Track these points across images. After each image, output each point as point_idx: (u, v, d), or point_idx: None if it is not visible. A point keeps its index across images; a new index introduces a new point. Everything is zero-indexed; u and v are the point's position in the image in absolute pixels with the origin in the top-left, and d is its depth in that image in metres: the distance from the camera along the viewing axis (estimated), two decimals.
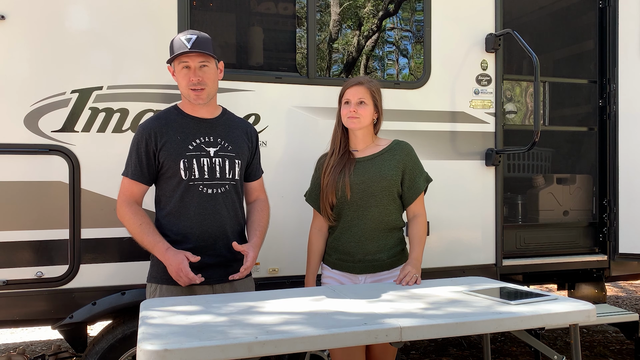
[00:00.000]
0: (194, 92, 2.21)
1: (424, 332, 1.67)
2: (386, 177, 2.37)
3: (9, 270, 2.54)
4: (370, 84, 2.41)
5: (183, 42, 2.17)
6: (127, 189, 2.22)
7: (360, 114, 2.36)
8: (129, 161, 2.23)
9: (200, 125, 2.27)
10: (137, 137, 2.22)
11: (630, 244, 3.56)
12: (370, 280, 2.40)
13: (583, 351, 4.41)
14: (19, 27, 2.56)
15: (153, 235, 2.16)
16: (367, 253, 2.39)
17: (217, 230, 2.24)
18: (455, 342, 4.70)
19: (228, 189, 2.27)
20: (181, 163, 2.19)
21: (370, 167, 2.39)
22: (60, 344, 3.57)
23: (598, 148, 3.78)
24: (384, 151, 2.43)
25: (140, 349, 1.43)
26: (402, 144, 2.46)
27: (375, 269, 2.40)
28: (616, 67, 3.60)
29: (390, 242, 2.42)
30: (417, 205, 2.45)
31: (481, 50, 3.31)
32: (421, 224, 2.43)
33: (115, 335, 2.62)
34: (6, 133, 2.55)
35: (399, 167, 2.40)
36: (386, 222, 2.41)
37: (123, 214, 2.19)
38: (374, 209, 2.38)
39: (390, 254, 2.41)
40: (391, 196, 2.40)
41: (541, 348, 2.17)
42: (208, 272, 2.22)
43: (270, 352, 1.50)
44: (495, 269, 3.36)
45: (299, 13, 3.20)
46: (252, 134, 2.42)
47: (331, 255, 2.47)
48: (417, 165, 2.45)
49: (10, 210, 2.54)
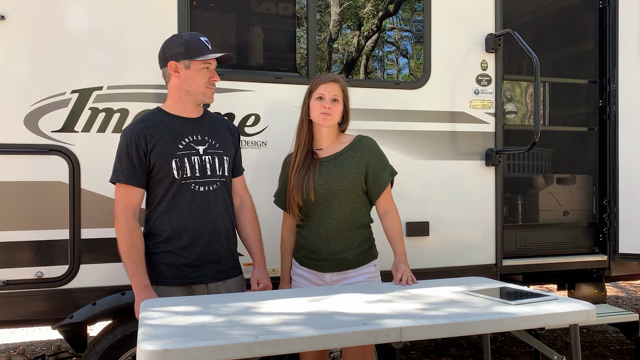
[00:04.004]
0: (210, 90, 2.29)
1: (424, 332, 1.67)
2: (348, 176, 2.37)
3: (9, 270, 2.54)
4: (343, 83, 2.43)
5: (206, 45, 2.25)
6: (124, 196, 2.19)
7: (333, 111, 2.36)
8: (119, 167, 2.20)
9: (187, 124, 2.29)
10: (125, 142, 2.20)
11: (630, 244, 3.56)
12: (336, 278, 2.41)
13: (583, 351, 4.41)
14: (19, 27, 2.56)
15: (138, 264, 2.15)
16: (333, 252, 2.40)
17: (211, 227, 2.26)
18: (455, 342, 4.70)
19: (219, 186, 2.30)
20: (173, 162, 2.20)
21: (332, 167, 2.39)
22: (60, 344, 3.57)
23: (598, 148, 3.78)
24: (346, 149, 2.43)
25: (140, 349, 1.43)
26: (364, 140, 2.45)
27: (341, 268, 2.41)
28: (616, 67, 3.60)
29: (356, 241, 2.42)
30: (385, 199, 2.45)
31: (481, 50, 3.31)
32: (394, 218, 2.44)
33: (115, 335, 2.62)
34: (6, 133, 2.55)
35: (361, 164, 2.40)
36: (352, 220, 2.41)
37: (119, 227, 2.17)
38: (339, 209, 2.38)
39: (356, 253, 2.42)
40: (355, 194, 2.40)
41: (541, 348, 2.18)
42: (202, 270, 2.25)
43: (270, 352, 1.50)
44: (495, 269, 3.36)
45: (299, 13, 3.20)
46: (235, 131, 2.47)
47: (299, 252, 2.49)
48: (380, 159, 2.45)
49: (10, 210, 2.54)
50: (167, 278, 2.23)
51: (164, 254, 2.24)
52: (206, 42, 2.27)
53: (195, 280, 2.25)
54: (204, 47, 2.25)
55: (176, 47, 2.23)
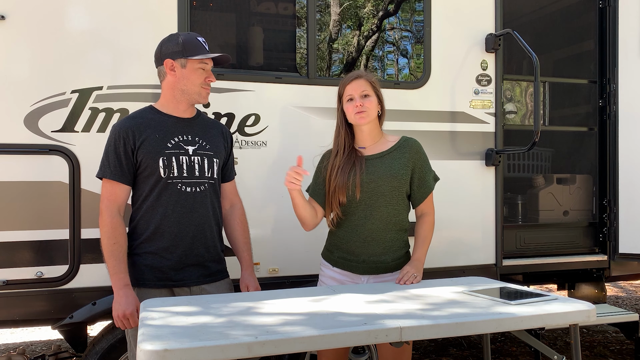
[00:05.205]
0: (205, 91, 2.28)
1: (424, 332, 1.67)
2: (396, 176, 2.33)
3: (9, 270, 2.54)
4: (368, 76, 2.37)
5: (203, 45, 2.26)
6: (110, 192, 2.17)
7: (366, 107, 2.31)
8: (106, 162, 2.19)
9: (177, 124, 2.27)
10: (113, 137, 2.19)
11: (630, 244, 3.56)
12: (372, 280, 2.37)
13: (583, 351, 4.41)
14: (19, 27, 2.56)
15: (119, 262, 2.13)
16: (372, 254, 2.35)
17: (195, 229, 2.24)
18: (455, 342, 4.70)
19: (207, 188, 2.27)
20: (160, 161, 2.18)
21: (379, 165, 2.34)
22: (60, 344, 3.57)
23: (598, 148, 3.78)
24: (393, 148, 2.39)
25: (140, 349, 1.43)
26: (411, 142, 2.41)
27: (379, 271, 2.37)
28: (616, 67, 3.60)
29: (395, 244, 2.38)
30: (426, 204, 2.42)
31: (481, 50, 3.31)
32: (428, 223, 2.41)
33: (115, 335, 2.62)
34: (6, 133, 2.55)
35: (408, 166, 2.36)
36: (394, 222, 2.37)
37: (103, 224, 2.15)
38: (383, 209, 2.34)
39: (394, 257, 2.38)
40: (400, 196, 2.36)
41: (541, 348, 2.18)
42: (185, 273, 2.23)
43: (270, 352, 1.50)
44: (495, 269, 3.36)
45: (299, 13, 3.20)
46: (227, 134, 2.45)
47: (333, 253, 2.43)
48: (426, 163, 2.42)
49: (10, 210, 2.54)
50: (149, 280, 2.20)
51: (146, 255, 2.21)
52: (203, 42, 2.27)
53: (178, 283, 2.22)
54: (201, 46, 2.25)
55: (173, 45, 2.22)
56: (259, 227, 2.88)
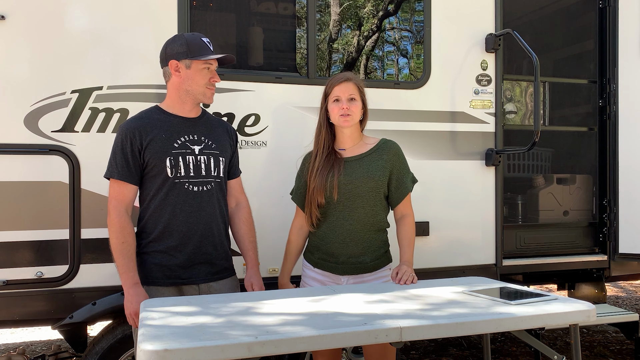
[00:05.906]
0: (210, 91, 2.29)
1: (424, 332, 1.67)
2: (374, 178, 2.36)
3: (9, 270, 2.54)
4: (356, 80, 2.39)
5: (207, 45, 2.26)
6: (117, 192, 2.20)
7: (352, 111, 2.33)
8: (113, 162, 2.21)
9: (183, 123, 2.29)
10: (120, 137, 2.20)
11: (630, 244, 3.56)
12: (352, 281, 2.40)
13: (583, 351, 4.41)
14: (19, 27, 2.56)
15: (128, 260, 2.15)
16: (351, 255, 2.38)
17: (203, 227, 2.26)
18: (455, 342, 4.70)
19: (213, 187, 2.29)
20: (167, 160, 2.20)
21: (357, 167, 2.37)
22: (60, 344, 3.57)
23: (598, 148, 3.78)
24: (371, 151, 2.41)
25: (140, 349, 1.43)
26: (389, 144, 2.44)
27: (358, 271, 2.39)
28: (616, 67, 3.60)
29: (374, 245, 2.40)
30: (404, 205, 2.44)
31: (481, 50, 3.31)
32: (410, 225, 2.43)
33: (115, 335, 2.62)
34: (6, 133, 2.55)
35: (386, 168, 2.38)
36: (372, 223, 2.39)
37: (111, 223, 2.18)
38: (361, 210, 2.36)
39: (373, 257, 2.40)
40: (378, 197, 2.39)
41: (541, 348, 2.18)
42: (194, 271, 2.25)
43: (270, 352, 1.50)
44: (495, 269, 3.36)
45: (299, 13, 3.20)
46: (232, 133, 2.47)
47: (314, 254, 2.45)
48: (404, 165, 2.44)
49: (10, 210, 2.55)
50: (157, 278, 2.22)
51: (155, 254, 2.23)
52: (208, 43, 2.28)
53: (186, 280, 2.25)
54: (206, 47, 2.26)
55: (178, 46, 2.24)
56: (258, 227, 2.86)
